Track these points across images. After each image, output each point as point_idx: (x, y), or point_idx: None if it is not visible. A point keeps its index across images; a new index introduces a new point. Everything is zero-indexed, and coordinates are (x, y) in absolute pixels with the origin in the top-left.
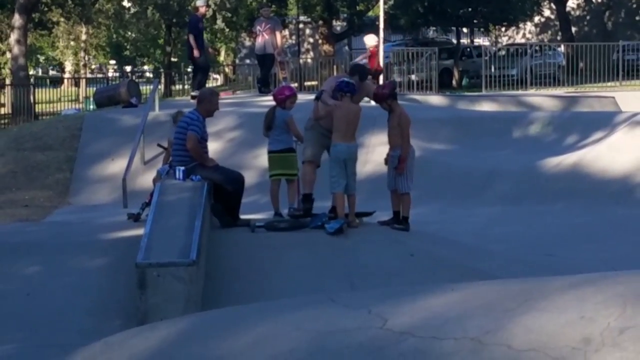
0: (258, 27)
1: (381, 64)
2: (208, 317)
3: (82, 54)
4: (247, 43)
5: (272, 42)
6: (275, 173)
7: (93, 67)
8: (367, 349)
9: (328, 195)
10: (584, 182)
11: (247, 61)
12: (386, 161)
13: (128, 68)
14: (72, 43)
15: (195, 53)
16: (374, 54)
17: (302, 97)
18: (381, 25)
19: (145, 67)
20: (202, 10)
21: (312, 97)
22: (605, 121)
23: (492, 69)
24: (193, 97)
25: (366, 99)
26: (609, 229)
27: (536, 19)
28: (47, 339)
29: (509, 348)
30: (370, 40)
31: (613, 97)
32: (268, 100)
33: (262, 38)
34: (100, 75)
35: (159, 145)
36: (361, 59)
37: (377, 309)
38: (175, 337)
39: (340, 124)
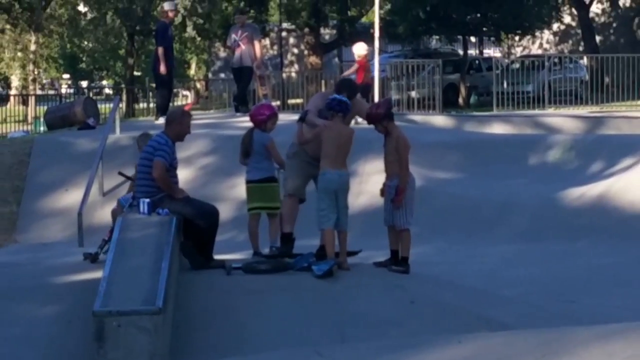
0: (233, 36)
1: (375, 77)
2: None
3: (31, 66)
4: (222, 54)
5: (250, 53)
6: (255, 206)
7: (44, 82)
8: None
9: (315, 233)
10: (610, 216)
11: (222, 75)
12: (382, 192)
13: (84, 83)
14: (19, 54)
15: (162, 68)
16: (362, 66)
17: (284, 118)
18: (376, 34)
19: (104, 82)
20: (171, 15)
21: (296, 117)
22: (636, 145)
23: (505, 85)
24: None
25: (358, 119)
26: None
27: (555, 26)
28: None
29: None
30: (359, 49)
31: None
32: (246, 121)
33: (239, 49)
34: (52, 92)
35: (120, 173)
36: (349, 73)
37: None
38: None
39: (330, 149)
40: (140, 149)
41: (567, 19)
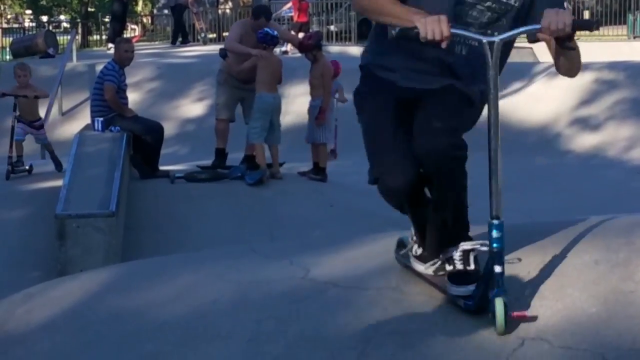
0: None
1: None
2: (129, 268)
3: None
4: None
5: None
6: None
7: (9, 17)
8: (290, 299)
9: (243, 147)
10: (502, 132)
11: (166, 11)
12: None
13: (45, 18)
14: None
15: (116, 5)
16: (297, 6)
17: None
18: None
19: (62, 17)
20: None
21: None
22: (523, 72)
23: None
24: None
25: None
26: (527, 179)
27: None
28: None
29: (429, 297)
30: None
31: (531, 48)
32: (185, 52)
33: None
34: (16, 26)
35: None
36: (286, 9)
37: (299, 259)
38: (96, 288)
39: (266, 75)
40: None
41: None
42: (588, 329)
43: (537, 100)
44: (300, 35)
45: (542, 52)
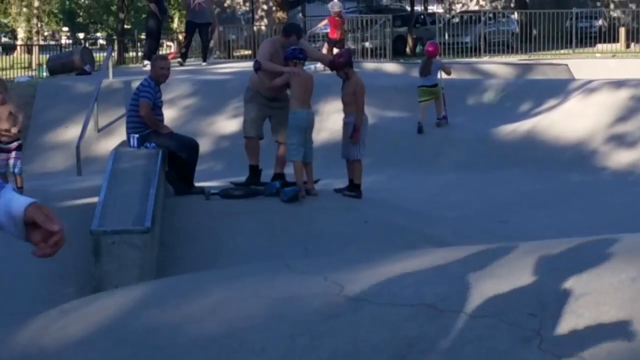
0: None
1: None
2: (164, 284)
3: (34, 20)
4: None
5: (211, 12)
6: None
7: (46, 34)
8: (324, 316)
9: (270, 166)
10: (537, 149)
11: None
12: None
13: (81, 35)
14: (24, 10)
15: (151, 22)
16: (333, 23)
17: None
18: None
19: (99, 35)
20: None
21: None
22: (559, 89)
23: (446, 37)
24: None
25: (319, 66)
26: (562, 196)
27: None
28: (0, 307)
29: (465, 314)
30: (330, 6)
31: (566, 65)
32: (220, 69)
33: (200, 6)
34: (53, 43)
35: None
36: (322, 26)
37: (333, 275)
38: (131, 305)
39: (299, 91)
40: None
41: None
42: (625, 347)
43: (572, 117)
44: (335, 51)
45: (578, 69)
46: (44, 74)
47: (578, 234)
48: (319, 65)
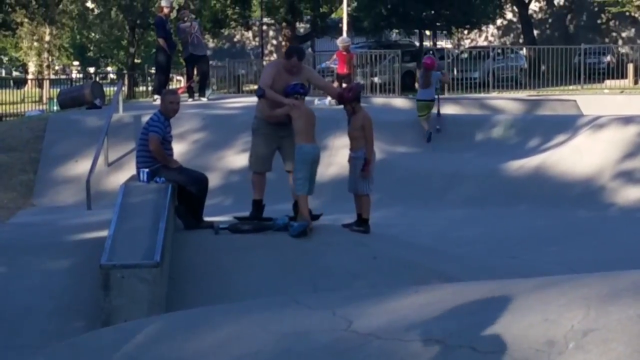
0: (187, 30)
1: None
2: (173, 318)
3: (45, 54)
4: (211, 44)
5: (204, 44)
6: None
7: (57, 68)
8: (332, 351)
9: (281, 199)
10: (546, 185)
11: (211, 63)
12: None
13: (92, 69)
14: (35, 44)
15: (160, 56)
16: (342, 58)
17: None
18: (344, 28)
19: (109, 69)
20: (166, 11)
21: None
22: (567, 124)
23: (455, 72)
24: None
25: (332, 101)
26: (571, 232)
27: (498, 21)
28: (9, 341)
29: (473, 350)
30: (338, 41)
31: (574, 101)
32: (230, 103)
33: (198, 39)
34: (63, 77)
35: None
36: (333, 60)
37: (342, 310)
38: (140, 339)
39: (302, 126)
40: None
41: (509, 15)
42: None
43: (581, 152)
44: (344, 86)
45: (586, 105)
46: (55, 107)
47: (586, 270)
48: (333, 100)
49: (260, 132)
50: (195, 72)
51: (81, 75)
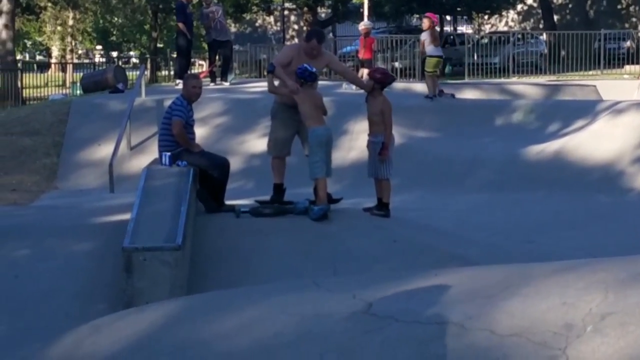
0: (210, 15)
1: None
2: (194, 301)
3: (68, 39)
4: (233, 29)
5: (228, 29)
6: None
7: (80, 52)
8: (352, 333)
9: (301, 183)
10: (565, 170)
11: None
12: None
13: (114, 53)
14: (59, 28)
15: (181, 40)
16: (362, 43)
17: None
18: (365, 13)
19: (132, 53)
20: None
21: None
22: (587, 109)
23: (475, 57)
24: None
25: (352, 87)
26: (590, 217)
27: (519, 7)
28: (33, 322)
29: (491, 333)
30: (359, 25)
31: (594, 86)
32: (251, 87)
33: (221, 24)
34: (86, 61)
35: None
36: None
37: (362, 293)
38: (162, 321)
39: (308, 109)
40: None
41: (529, 0)
42: None
43: (600, 138)
44: (365, 71)
45: (606, 90)
46: (78, 92)
47: (605, 254)
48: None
49: (279, 117)
50: (217, 57)
51: (104, 60)
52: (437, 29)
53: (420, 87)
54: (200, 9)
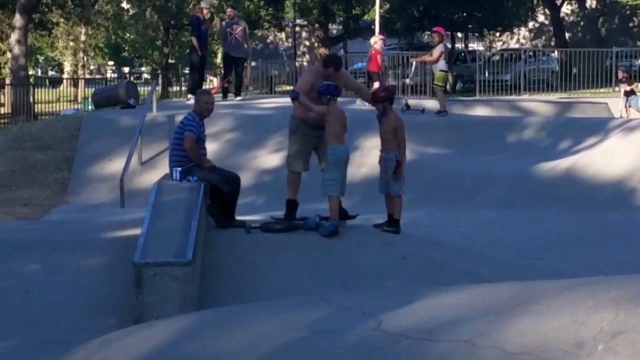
0: (228, 30)
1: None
2: (204, 316)
3: (81, 54)
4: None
5: (245, 46)
6: None
7: (92, 67)
8: (361, 350)
9: (314, 199)
10: (576, 187)
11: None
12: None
13: (126, 69)
14: (71, 44)
15: (194, 56)
16: (372, 56)
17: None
18: (377, 29)
19: (143, 69)
20: (205, 11)
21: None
22: (599, 127)
23: (486, 74)
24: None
25: (366, 103)
26: (600, 234)
27: (530, 24)
28: (44, 337)
29: (502, 351)
30: (371, 40)
31: (606, 103)
32: (262, 103)
33: (237, 40)
34: (98, 76)
35: None
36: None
37: (371, 310)
38: (171, 336)
39: (335, 129)
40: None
41: (541, 17)
42: None
43: (611, 155)
44: (376, 84)
45: (617, 108)
46: (89, 107)
47: (616, 272)
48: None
49: (300, 132)
50: (231, 72)
51: (116, 75)
52: (448, 45)
53: (432, 104)
54: (222, 22)
